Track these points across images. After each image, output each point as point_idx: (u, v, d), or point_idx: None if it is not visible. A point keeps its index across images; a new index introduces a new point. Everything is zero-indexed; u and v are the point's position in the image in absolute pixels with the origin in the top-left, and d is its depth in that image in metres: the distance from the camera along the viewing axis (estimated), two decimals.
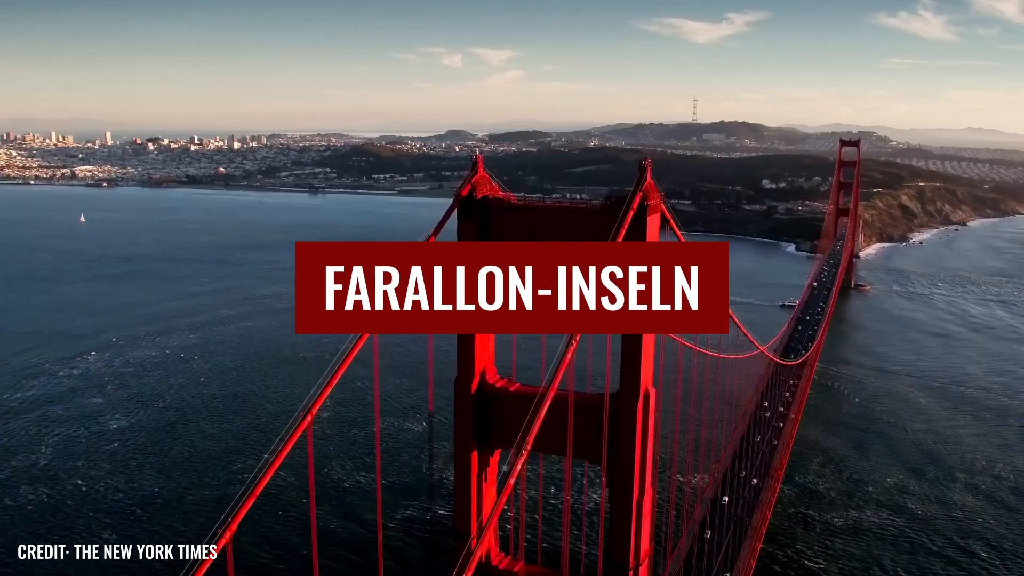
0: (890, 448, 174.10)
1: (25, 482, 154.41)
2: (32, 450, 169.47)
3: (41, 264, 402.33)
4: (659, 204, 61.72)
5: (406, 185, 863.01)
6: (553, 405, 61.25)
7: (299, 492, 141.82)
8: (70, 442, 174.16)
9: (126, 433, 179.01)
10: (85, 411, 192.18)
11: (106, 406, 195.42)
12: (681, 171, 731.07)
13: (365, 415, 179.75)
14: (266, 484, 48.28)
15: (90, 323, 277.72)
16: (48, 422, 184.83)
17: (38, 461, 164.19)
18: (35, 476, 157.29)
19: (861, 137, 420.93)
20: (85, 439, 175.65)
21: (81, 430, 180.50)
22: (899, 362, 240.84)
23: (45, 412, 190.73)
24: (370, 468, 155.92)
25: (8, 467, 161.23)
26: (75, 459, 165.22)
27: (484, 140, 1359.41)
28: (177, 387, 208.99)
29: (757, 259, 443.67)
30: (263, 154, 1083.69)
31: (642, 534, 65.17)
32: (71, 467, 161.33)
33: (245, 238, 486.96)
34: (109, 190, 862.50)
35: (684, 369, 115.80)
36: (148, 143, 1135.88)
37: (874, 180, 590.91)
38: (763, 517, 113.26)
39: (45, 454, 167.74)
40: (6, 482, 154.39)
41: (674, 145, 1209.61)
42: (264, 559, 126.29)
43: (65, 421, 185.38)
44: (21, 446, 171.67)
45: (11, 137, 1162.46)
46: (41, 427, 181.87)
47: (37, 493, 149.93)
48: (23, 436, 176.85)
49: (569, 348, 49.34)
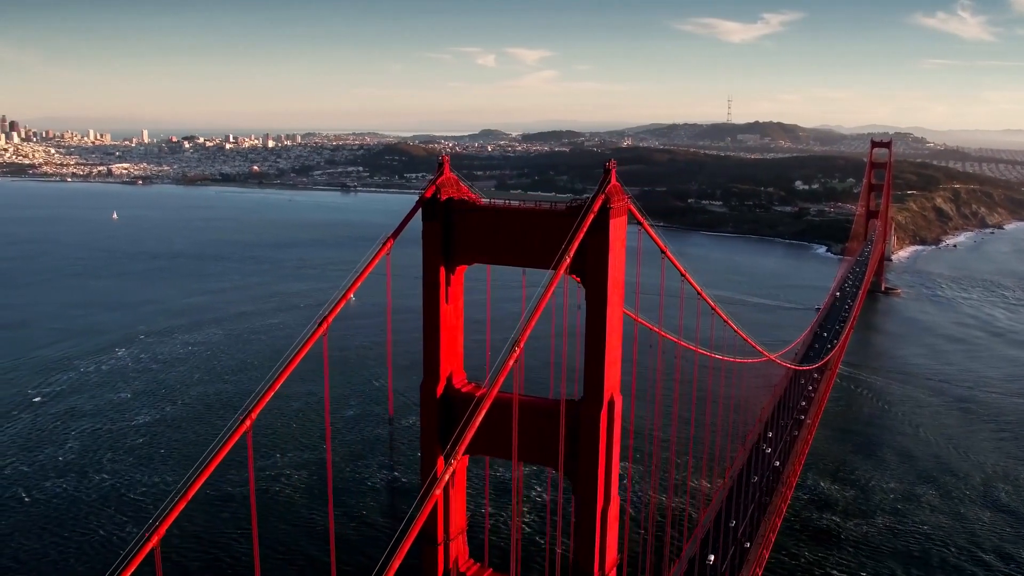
0: (908, 456, 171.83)
1: (52, 475, 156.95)
2: (59, 443, 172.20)
3: (73, 260, 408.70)
4: (624, 207, 60.48)
5: None
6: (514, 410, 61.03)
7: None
8: (96, 436, 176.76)
9: (151, 428, 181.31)
10: (111, 405, 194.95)
11: (132, 401, 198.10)
12: (713, 172, 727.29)
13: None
14: (200, 486, 48.48)
15: (119, 318, 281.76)
16: (75, 415, 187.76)
17: (64, 454, 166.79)
18: (61, 469, 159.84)
19: (897, 138, 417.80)
20: (110, 433, 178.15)
21: (107, 424, 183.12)
22: (924, 368, 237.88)
23: (72, 405, 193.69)
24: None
25: (35, 460, 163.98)
26: (100, 452, 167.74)
27: (517, 140, 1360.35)
28: (201, 382, 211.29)
29: (786, 261, 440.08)
30: (297, 152, 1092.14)
31: (608, 543, 63.68)
32: (96, 460, 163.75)
33: (274, 236, 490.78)
34: (144, 188, 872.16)
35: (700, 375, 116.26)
36: (184, 141, 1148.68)
37: (908, 182, 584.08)
38: (772, 525, 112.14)
39: (72, 447, 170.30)
40: (33, 475, 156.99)
41: (707, 145, 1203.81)
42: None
43: (91, 415, 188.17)
44: (48, 439, 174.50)
45: (50, 135, 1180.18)
46: (68, 420, 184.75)
47: (63, 486, 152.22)
48: (51, 429, 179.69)
49: (512, 354, 48.90)
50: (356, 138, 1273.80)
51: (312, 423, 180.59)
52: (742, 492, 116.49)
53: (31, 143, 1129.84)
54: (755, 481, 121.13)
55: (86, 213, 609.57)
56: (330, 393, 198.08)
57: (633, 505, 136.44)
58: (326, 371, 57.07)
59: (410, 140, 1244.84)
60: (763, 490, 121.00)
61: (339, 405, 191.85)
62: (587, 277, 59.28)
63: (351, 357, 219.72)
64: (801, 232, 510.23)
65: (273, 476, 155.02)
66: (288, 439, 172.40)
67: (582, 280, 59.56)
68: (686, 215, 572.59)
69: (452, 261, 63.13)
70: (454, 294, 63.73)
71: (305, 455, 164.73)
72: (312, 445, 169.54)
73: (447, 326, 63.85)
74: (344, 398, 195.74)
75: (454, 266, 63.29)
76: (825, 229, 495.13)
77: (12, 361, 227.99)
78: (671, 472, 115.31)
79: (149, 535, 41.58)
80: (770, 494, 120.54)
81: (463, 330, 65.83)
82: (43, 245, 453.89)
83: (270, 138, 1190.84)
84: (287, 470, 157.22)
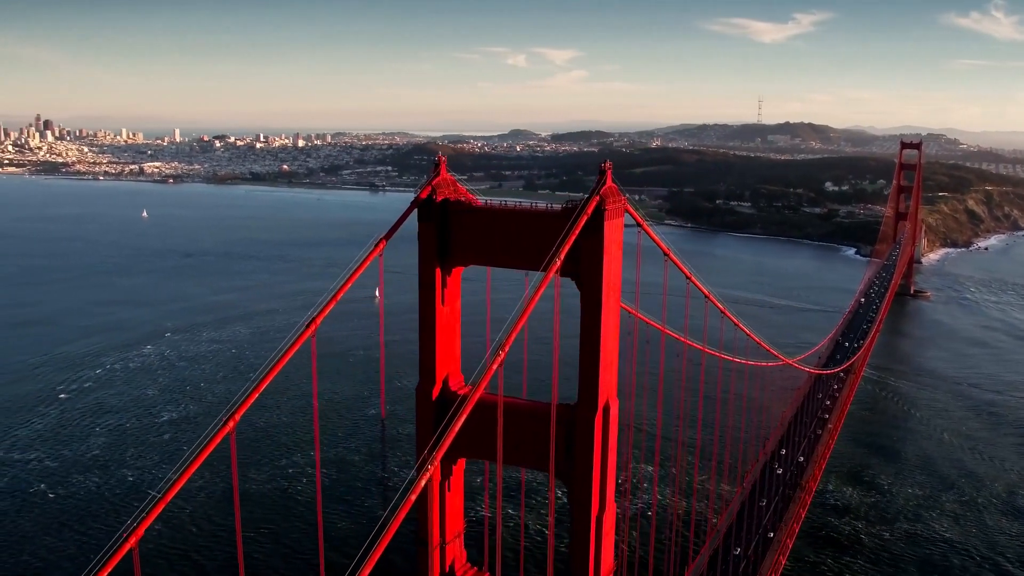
0: (930, 461, 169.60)
1: (77, 470, 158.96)
2: (85, 439, 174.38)
3: (103, 258, 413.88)
4: (620, 209, 59.76)
5: (465, 184, 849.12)
6: (511, 415, 59.27)
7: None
8: (121, 432, 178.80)
9: (176, 425, 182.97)
10: (137, 402, 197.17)
11: (157, 397, 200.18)
12: (742, 173, 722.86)
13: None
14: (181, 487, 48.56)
15: (146, 315, 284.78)
16: (102, 411, 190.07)
17: (90, 450, 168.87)
18: (87, 464, 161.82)
19: (929, 140, 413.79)
20: (136, 429, 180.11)
21: (132, 421, 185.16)
22: (951, 372, 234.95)
23: (99, 401, 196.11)
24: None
25: (62, 455, 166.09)
26: (125, 449, 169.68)
27: (546, 140, 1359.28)
28: (226, 380, 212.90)
29: (814, 263, 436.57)
30: (326, 152, 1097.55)
31: (604, 550, 62.49)
32: (121, 457, 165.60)
33: (302, 235, 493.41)
34: (174, 186, 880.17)
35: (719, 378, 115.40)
36: (215, 140, 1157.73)
37: (940, 183, 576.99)
38: (791, 530, 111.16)
39: (97, 443, 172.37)
40: (59, 470, 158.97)
41: (737, 146, 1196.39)
42: None
43: (117, 411, 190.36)
44: (74, 434, 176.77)
45: (83, 133, 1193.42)
46: (95, 416, 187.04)
47: (87, 482, 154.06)
48: (78, 425, 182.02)
49: (496, 358, 48.50)
50: (385, 138, 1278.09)
51: (330, 421, 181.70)
52: (759, 497, 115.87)
53: (64, 142, 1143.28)
54: (773, 486, 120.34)
55: (117, 211, 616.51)
56: (353, 392, 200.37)
57: (647, 509, 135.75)
58: (314, 373, 57.37)
59: (439, 140, 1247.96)
60: (782, 495, 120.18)
61: (363, 404, 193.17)
62: (582, 279, 58.60)
63: (376, 356, 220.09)
64: (830, 234, 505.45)
65: (293, 475, 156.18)
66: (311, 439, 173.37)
67: (577, 282, 58.88)
68: (714, 216, 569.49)
69: (448, 262, 62.70)
70: (450, 296, 63.30)
71: (323, 454, 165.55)
72: (329, 443, 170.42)
73: (443, 328, 63.37)
74: (366, 398, 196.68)
75: (450, 267, 62.87)
76: (854, 231, 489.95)
77: (40, 357, 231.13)
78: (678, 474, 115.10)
79: (127, 536, 41.47)
80: (788, 499, 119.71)
81: (460, 332, 65.38)
82: (74, 243, 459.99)
83: (300, 137, 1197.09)
84: (308, 468, 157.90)
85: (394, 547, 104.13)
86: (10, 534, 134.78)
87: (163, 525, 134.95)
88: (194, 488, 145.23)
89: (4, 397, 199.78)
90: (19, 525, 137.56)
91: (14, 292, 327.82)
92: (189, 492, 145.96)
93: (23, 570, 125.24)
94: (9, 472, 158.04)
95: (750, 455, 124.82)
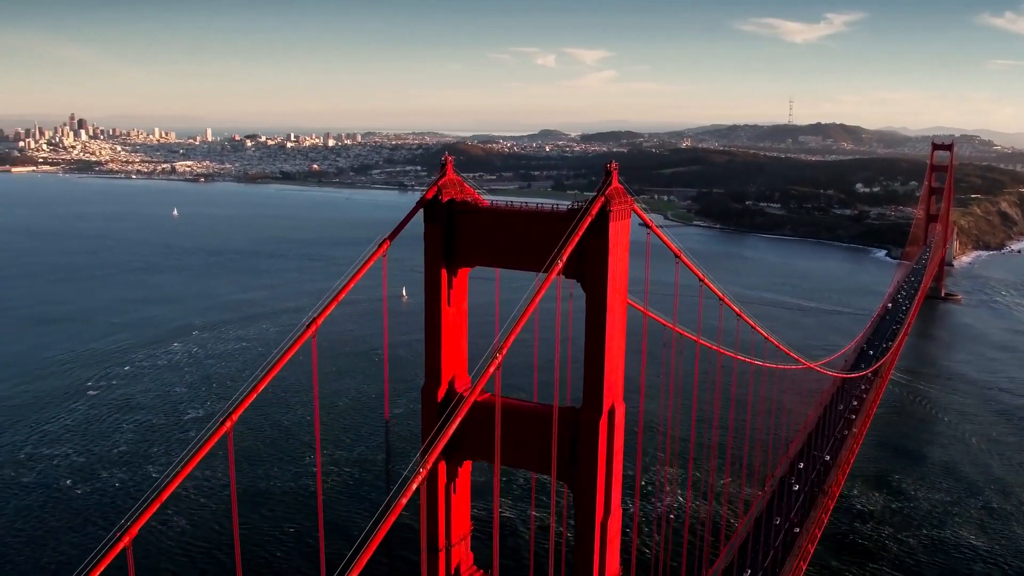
0: (956, 468, 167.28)
1: (104, 466, 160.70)
2: (112, 435, 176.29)
3: (134, 256, 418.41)
4: (627, 210, 57.92)
5: (494, 184, 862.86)
6: (517, 417, 59.61)
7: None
8: (148, 428, 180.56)
9: (202, 423, 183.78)
10: (164, 398, 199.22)
11: (184, 394, 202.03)
12: (772, 173, 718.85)
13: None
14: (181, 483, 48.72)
15: (175, 313, 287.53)
16: (129, 408, 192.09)
17: (117, 445, 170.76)
18: (113, 460, 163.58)
19: (963, 141, 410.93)
20: (163, 426, 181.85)
21: (160, 417, 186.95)
22: (979, 377, 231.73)
23: (128, 398, 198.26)
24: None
25: (90, 450, 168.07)
26: (151, 445, 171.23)
27: (576, 140, 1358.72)
28: (253, 378, 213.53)
29: (844, 265, 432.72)
30: (356, 152, 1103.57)
31: (609, 554, 61.62)
32: (147, 453, 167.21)
33: (331, 234, 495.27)
34: (205, 185, 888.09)
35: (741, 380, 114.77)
36: (246, 140, 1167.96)
37: (973, 185, 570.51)
38: (812, 536, 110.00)
39: (124, 439, 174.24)
40: (86, 465, 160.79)
41: (768, 147, 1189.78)
42: None
43: (145, 408, 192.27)
44: (103, 430, 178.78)
45: (116, 133, 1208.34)
46: (123, 412, 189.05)
47: (113, 478, 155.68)
48: (106, 421, 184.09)
49: (493, 360, 47.97)
50: (415, 137, 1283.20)
51: (352, 420, 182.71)
52: (782, 501, 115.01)
53: (98, 141, 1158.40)
54: (795, 490, 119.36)
55: (148, 210, 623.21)
56: (378, 391, 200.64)
57: (669, 511, 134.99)
58: (315, 374, 57.42)
59: (469, 140, 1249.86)
60: (803, 501, 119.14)
61: (390, 404, 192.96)
62: (587, 281, 57.81)
63: (402, 355, 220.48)
64: (860, 235, 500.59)
65: (312, 474, 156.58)
66: (338, 436, 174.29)
67: (582, 284, 58.09)
68: (743, 217, 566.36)
69: (454, 263, 62.20)
70: (457, 297, 62.79)
71: (346, 453, 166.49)
72: (346, 444, 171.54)
73: (449, 329, 62.85)
74: (393, 395, 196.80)
75: (456, 268, 62.38)
76: (885, 233, 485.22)
77: (70, 353, 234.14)
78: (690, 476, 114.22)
79: (120, 535, 41.64)
80: (810, 505, 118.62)
81: (467, 333, 64.86)
82: (106, 241, 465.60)
83: (330, 137, 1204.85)
84: (327, 467, 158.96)
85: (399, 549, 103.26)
86: (35, 529, 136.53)
87: (186, 521, 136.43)
88: (218, 486, 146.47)
89: (35, 392, 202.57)
90: (44, 520, 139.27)
91: (47, 289, 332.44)
92: (209, 488, 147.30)
93: (47, 566, 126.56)
94: (38, 467, 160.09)
95: (769, 460, 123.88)
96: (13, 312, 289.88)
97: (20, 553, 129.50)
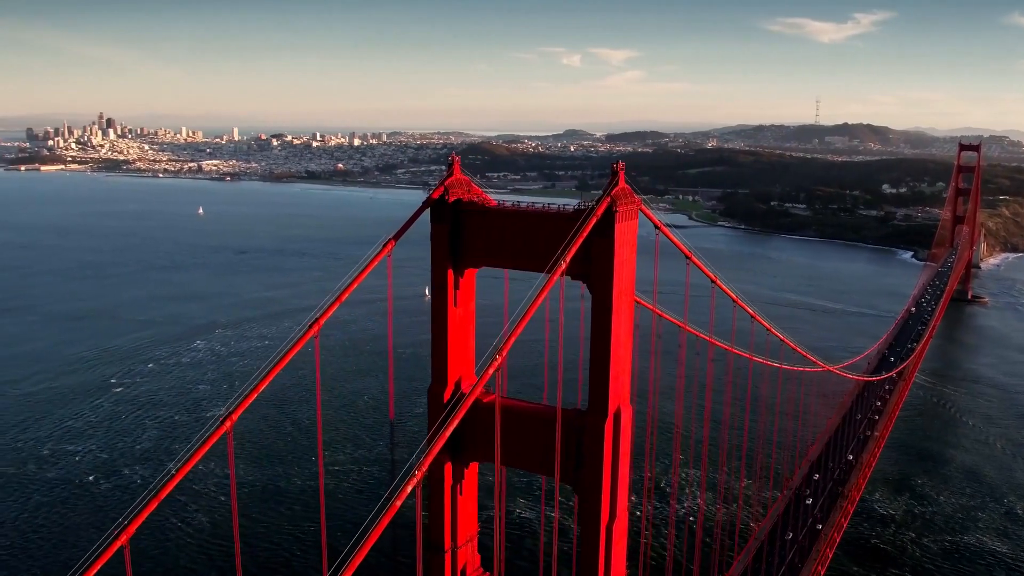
0: (978, 473, 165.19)
1: (126, 462, 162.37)
2: (136, 432, 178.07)
3: (160, 253, 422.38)
4: (634, 211, 56.68)
5: (519, 184, 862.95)
6: (522, 419, 59.12)
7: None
8: (171, 425, 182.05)
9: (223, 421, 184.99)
10: (187, 395, 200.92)
11: (207, 391, 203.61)
12: (798, 174, 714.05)
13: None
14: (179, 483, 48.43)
15: (199, 310, 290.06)
16: (152, 405, 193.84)
17: (140, 442, 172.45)
18: (136, 456, 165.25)
19: (992, 142, 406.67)
20: (185, 423, 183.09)
21: (182, 414, 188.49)
22: (1004, 380, 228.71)
23: (151, 395, 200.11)
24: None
25: (113, 446, 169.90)
26: (174, 442, 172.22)
27: (601, 140, 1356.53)
28: (276, 376, 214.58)
29: (870, 267, 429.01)
30: (381, 151, 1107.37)
31: (614, 559, 60.48)
32: (169, 449, 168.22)
33: (354, 232, 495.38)
34: (231, 184, 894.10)
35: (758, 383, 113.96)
36: (272, 139, 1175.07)
37: (1002, 187, 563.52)
38: (831, 539, 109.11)
39: (147, 435, 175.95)
40: (108, 461, 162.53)
41: (794, 147, 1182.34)
42: None
43: (168, 404, 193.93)
44: (126, 427, 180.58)
45: (144, 132, 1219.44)
46: (146, 409, 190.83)
47: (135, 475, 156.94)
48: (129, 418, 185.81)
49: (493, 363, 47.83)
50: (440, 137, 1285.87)
51: (368, 419, 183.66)
52: (800, 505, 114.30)
53: (126, 139, 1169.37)
54: (812, 495, 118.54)
55: (175, 208, 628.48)
56: (397, 390, 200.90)
57: (686, 514, 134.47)
58: (317, 375, 57.57)
59: (494, 140, 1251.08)
60: (822, 505, 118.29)
61: (409, 403, 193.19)
62: (592, 282, 57.06)
63: (422, 354, 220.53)
64: (886, 237, 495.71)
65: (334, 473, 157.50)
66: (348, 437, 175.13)
67: (587, 286, 57.34)
68: (768, 218, 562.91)
69: (460, 264, 61.70)
70: (463, 297, 62.23)
71: (365, 452, 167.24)
72: (372, 442, 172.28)
73: (455, 330, 62.31)
74: (408, 395, 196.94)
75: (463, 269, 61.85)
76: (911, 234, 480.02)
77: (95, 349, 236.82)
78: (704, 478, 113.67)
79: (118, 533, 41.81)
80: (829, 508, 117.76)
81: (474, 334, 64.35)
82: (132, 239, 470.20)
83: (356, 137, 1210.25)
84: (336, 467, 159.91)
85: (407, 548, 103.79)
86: (57, 524, 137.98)
87: (191, 520, 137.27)
88: (240, 483, 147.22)
89: (61, 387, 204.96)
90: (67, 516, 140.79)
91: (74, 286, 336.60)
92: (226, 487, 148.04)
93: (67, 561, 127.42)
94: (62, 462, 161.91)
95: (785, 462, 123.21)
96: (40, 309, 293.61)
97: (40, 548, 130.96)
